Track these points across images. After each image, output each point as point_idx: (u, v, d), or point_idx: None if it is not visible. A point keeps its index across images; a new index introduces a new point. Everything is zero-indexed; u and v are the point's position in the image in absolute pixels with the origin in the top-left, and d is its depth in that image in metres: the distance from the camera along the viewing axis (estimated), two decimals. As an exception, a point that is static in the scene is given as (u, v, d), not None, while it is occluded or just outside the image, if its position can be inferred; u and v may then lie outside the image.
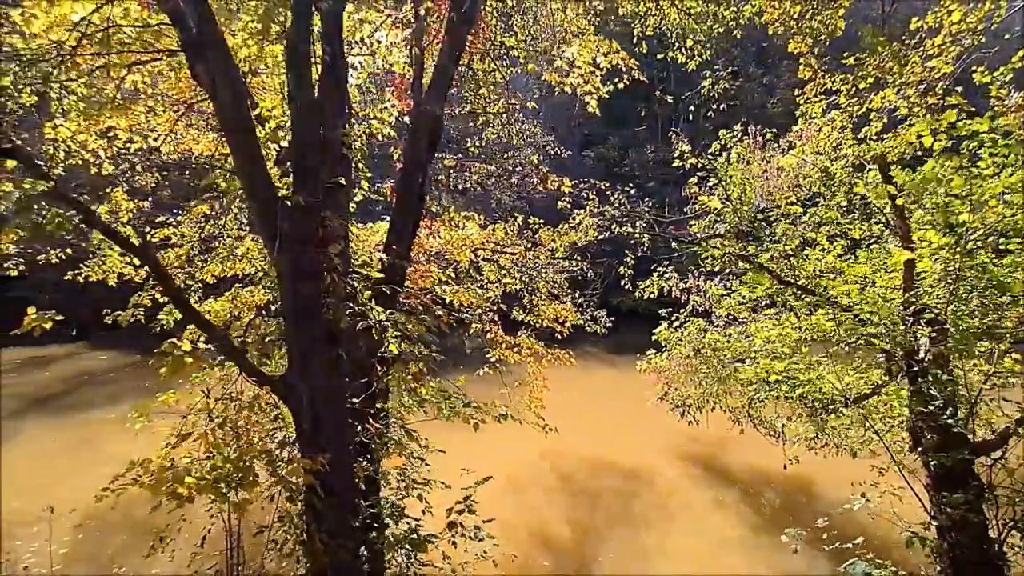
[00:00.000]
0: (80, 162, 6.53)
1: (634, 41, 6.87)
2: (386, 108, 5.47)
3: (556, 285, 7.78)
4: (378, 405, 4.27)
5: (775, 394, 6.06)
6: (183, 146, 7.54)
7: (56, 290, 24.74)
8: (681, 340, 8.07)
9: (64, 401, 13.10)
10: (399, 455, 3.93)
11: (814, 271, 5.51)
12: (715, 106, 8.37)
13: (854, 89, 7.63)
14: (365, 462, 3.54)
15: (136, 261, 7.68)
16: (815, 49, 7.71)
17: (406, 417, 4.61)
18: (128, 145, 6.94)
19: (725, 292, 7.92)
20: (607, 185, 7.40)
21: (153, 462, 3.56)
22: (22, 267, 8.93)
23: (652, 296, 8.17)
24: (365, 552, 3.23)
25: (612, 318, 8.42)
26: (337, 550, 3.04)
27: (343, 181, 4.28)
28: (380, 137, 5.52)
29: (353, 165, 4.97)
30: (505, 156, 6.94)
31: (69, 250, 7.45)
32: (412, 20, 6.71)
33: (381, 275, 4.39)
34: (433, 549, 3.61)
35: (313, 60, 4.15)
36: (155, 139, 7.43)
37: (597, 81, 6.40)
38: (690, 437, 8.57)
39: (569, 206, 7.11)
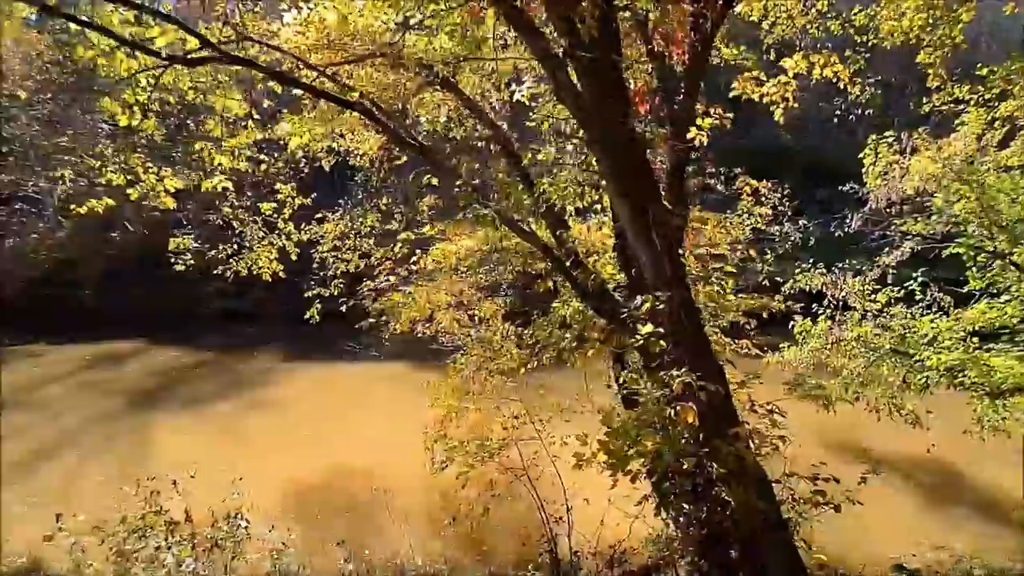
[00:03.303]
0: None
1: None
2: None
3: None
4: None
5: (961, 380, 6.59)
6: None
7: (91, 288, 24.55)
8: (819, 334, 8.60)
9: (176, 394, 13.16)
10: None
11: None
12: (860, 111, 8.93)
13: (982, 99, 8.30)
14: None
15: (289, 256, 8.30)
16: (939, 60, 8.34)
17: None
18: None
19: (872, 287, 8.48)
20: (768, 185, 7.91)
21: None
22: (192, 263, 9.22)
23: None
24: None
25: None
26: (768, 512, 3.45)
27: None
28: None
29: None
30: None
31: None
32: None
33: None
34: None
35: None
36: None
37: (790, 91, 6.83)
38: (822, 426, 9.05)
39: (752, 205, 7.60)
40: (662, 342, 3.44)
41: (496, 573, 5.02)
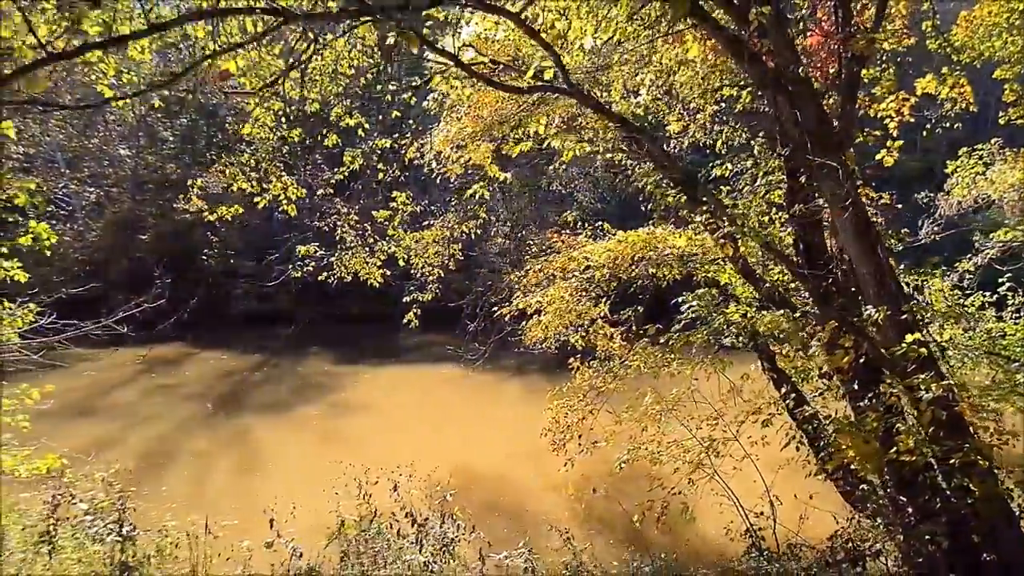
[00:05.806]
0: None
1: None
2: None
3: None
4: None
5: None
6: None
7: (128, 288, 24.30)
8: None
9: (254, 398, 13.18)
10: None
11: None
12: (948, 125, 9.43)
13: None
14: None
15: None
16: (1014, 75, 8.89)
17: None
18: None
19: (960, 292, 8.92)
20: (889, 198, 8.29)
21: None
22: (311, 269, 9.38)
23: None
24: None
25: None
26: (1006, 502, 3.85)
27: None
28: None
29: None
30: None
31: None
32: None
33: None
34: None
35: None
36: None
37: (907, 107, 7.21)
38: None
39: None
40: (923, 349, 3.76)
41: (712, 566, 5.29)
